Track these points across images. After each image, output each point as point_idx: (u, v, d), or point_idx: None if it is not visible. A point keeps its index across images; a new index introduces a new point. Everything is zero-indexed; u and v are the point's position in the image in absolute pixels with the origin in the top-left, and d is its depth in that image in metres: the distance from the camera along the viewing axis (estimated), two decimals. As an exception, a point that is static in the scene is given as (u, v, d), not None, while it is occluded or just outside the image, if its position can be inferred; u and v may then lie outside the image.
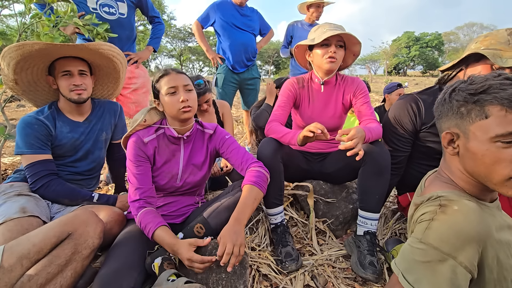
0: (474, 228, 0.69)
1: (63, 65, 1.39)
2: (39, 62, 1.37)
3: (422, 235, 0.75)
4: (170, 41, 33.19)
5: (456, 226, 0.70)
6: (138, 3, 2.30)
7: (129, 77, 2.30)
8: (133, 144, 1.25)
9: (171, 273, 1.04)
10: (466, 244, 0.69)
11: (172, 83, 1.21)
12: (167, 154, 1.32)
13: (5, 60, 1.29)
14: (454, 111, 0.80)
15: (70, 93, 1.40)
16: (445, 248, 0.70)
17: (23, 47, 1.26)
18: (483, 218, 0.72)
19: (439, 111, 0.87)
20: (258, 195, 1.19)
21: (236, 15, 2.84)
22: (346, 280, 1.29)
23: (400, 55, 50.23)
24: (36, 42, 1.27)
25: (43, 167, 1.35)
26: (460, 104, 0.78)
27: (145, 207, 1.18)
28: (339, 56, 1.48)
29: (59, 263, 0.95)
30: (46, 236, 0.97)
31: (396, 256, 0.83)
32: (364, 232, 1.37)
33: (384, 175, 1.36)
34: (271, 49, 37.46)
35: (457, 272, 0.69)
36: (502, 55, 1.19)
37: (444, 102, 0.84)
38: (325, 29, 1.47)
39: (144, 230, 1.14)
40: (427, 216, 0.78)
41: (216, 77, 3.00)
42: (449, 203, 0.75)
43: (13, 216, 1.13)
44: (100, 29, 1.82)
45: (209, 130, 1.40)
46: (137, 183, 1.22)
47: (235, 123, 5.41)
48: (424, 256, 0.73)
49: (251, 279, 1.24)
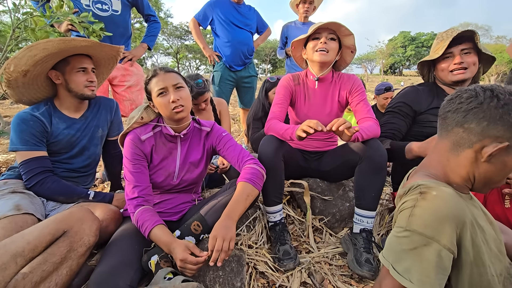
0: (451, 210, 0.74)
1: (79, 61, 1.41)
2: (58, 57, 1.37)
3: (406, 223, 0.78)
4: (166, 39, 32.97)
5: (436, 210, 0.75)
6: (133, 1, 2.28)
7: (123, 75, 2.28)
8: (130, 142, 1.24)
9: (168, 271, 1.04)
10: (445, 224, 0.73)
11: (161, 84, 1.20)
12: (164, 152, 1.31)
13: (35, 50, 1.26)
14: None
15: (84, 89, 1.43)
16: (429, 232, 0.74)
17: (70, 42, 1.28)
18: (460, 201, 0.77)
19: (492, 114, 0.78)
20: (252, 192, 1.19)
21: (234, 13, 2.83)
22: (342, 277, 1.30)
23: (396, 55, 50.55)
24: (84, 39, 1.32)
25: (38, 164, 1.33)
26: None
27: (143, 205, 1.18)
28: (331, 48, 1.48)
29: (54, 261, 0.94)
30: (41, 233, 0.96)
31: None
32: (360, 229, 1.38)
33: (381, 173, 1.37)
34: (268, 47, 37.43)
35: (442, 255, 0.73)
36: (436, 49, 1.49)
37: (511, 109, 0.76)
38: (317, 26, 1.48)
39: (141, 228, 1.14)
40: (409, 204, 0.81)
41: (213, 75, 2.98)
42: (428, 190, 0.79)
43: (7, 214, 1.11)
44: (95, 27, 1.80)
45: (206, 127, 1.39)
46: (135, 181, 1.21)
47: (232, 121, 5.40)
48: (410, 243, 0.76)
49: (248, 276, 1.24)
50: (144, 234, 1.13)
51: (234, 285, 1.12)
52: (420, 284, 0.72)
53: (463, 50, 1.42)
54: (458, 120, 0.85)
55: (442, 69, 1.48)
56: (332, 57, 1.50)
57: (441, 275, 0.73)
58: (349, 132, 1.19)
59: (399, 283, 0.75)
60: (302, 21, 3.19)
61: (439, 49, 1.45)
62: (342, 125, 1.17)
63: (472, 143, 0.82)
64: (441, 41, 1.48)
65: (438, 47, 1.47)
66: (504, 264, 0.83)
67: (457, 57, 1.42)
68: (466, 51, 1.42)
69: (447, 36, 1.45)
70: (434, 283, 0.72)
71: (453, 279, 0.80)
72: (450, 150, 0.88)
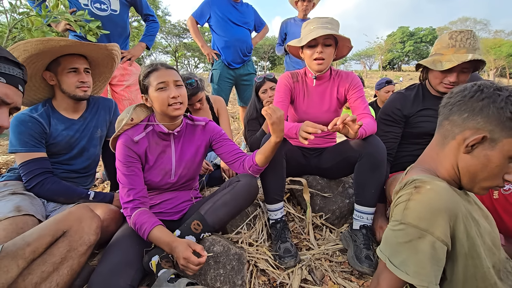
0: (444, 202, 0.75)
1: (70, 61, 1.38)
2: (46, 58, 1.35)
3: (401, 216, 0.80)
4: (165, 37, 32.80)
5: (429, 202, 0.76)
6: (132, 0, 2.28)
7: (122, 74, 2.27)
8: (122, 145, 1.22)
9: (171, 273, 1.04)
10: (438, 217, 0.74)
11: (162, 78, 1.18)
12: (158, 151, 1.30)
13: (16, 52, 1.25)
14: (500, 118, 0.76)
15: (76, 90, 1.40)
16: (423, 225, 0.75)
17: (48, 43, 1.25)
18: (453, 195, 0.78)
19: (473, 106, 0.80)
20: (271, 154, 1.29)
21: (231, 10, 2.82)
22: (343, 274, 1.31)
23: (395, 50, 50.38)
24: (62, 39, 1.27)
25: (38, 165, 1.33)
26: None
27: (139, 207, 1.17)
28: (327, 55, 1.48)
29: (53, 261, 0.95)
30: (41, 235, 0.96)
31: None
32: (360, 226, 1.39)
33: (380, 170, 1.37)
34: (267, 45, 37.28)
35: (436, 247, 0.74)
36: (442, 59, 1.40)
37: (492, 103, 0.77)
38: (312, 26, 1.46)
39: (139, 231, 1.13)
40: (404, 198, 0.82)
41: (211, 73, 2.98)
42: (422, 184, 0.80)
43: (8, 215, 1.11)
44: (92, 25, 1.79)
45: (201, 122, 1.40)
46: (129, 183, 1.20)
47: (231, 119, 5.39)
48: (406, 236, 0.77)
49: (249, 274, 1.25)
50: (143, 236, 1.12)
51: (235, 283, 1.13)
52: (416, 275, 0.73)
53: (463, 69, 1.37)
54: (445, 113, 0.88)
55: (436, 77, 1.45)
56: (328, 62, 1.51)
57: (436, 267, 0.75)
58: (355, 126, 1.17)
59: (396, 276, 0.77)
60: (301, 17, 3.19)
61: (444, 62, 1.38)
62: (347, 119, 1.16)
63: (455, 135, 0.84)
64: (450, 49, 1.40)
65: (443, 59, 1.39)
66: (498, 257, 0.84)
67: (454, 76, 1.38)
68: (466, 70, 1.38)
69: (458, 49, 1.37)
70: (429, 274, 0.73)
71: (448, 271, 0.81)
72: (438, 144, 0.90)
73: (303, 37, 1.49)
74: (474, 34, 1.39)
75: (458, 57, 1.35)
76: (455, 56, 1.37)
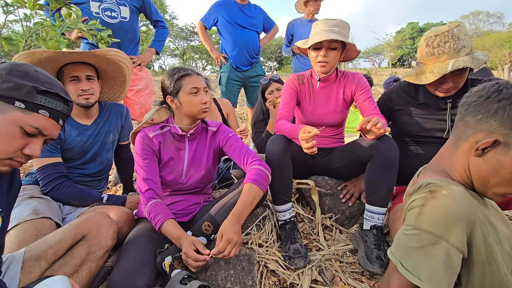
0: (462, 209, 0.72)
1: (71, 70, 1.42)
2: (48, 68, 1.40)
3: (415, 221, 0.77)
4: (172, 40, 33.20)
5: (445, 209, 0.73)
6: (141, 7, 2.33)
7: (132, 79, 2.32)
8: (140, 139, 1.31)
9: (184, 275, 1.06)
10: (455, 224, 0.72)
11: (195, 84, 1.28)
12: (172, 151, 1.36)
13: None
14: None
15: (78, 98, 1.43)
16: (438, 231, 0.73)
17: (33, 55, 1.30)
18: (470, 200, 0.75)
19: (488, 108, 0.76)
20: (257, 194, 1.22)
21: (239, 14, 2.84)
22: (353, 274, 1.30)
23: (405, 47, 49.44)
24: (45, 50, 1.30)
25: (54, 170, 1.38)
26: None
27: (155, 198, 1.23)
28: (331, 59, 1.48)
29: (74, 264, 0.99)
30: (62, 238, 1.00)
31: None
32: (370, 226, 1.38)
33: (393, 170, 1.37)
34: (274, 45, 37.20)
35: (451, 254, 0.72)
36: (425, 70, 1.30)
37: (509, 105, 0.73)
38: (319, 28, 1.47)
39: (152, 220, 1.18)
40: (418, 202, 0.79)
41: (220, 76, 3.02)
42: (438, 189, 0.77)
43: (26, 218, 1.16)
44: (103, 34, 1.84)
45: (213, 127, 1.43)
46: (145, 174, 1.27)
47: (239, 120, 5.42)
48: (419, 241, 0.75)
49: (259, 275, 1.26)
50: (155, 226, 1.17)
51: (246, 284, 1.14)
52: (429, 281, 0.71)
53: (454, 72, 1.27)
54: (461, 113, 0.84)
55: (429, 86, 1.39)
56: (332, 65, 1.51)
57: (450, 274, 0.72)
58: (380, 131, 1.20)
59: (407, 280, 0.75)
60: (309, 18, 3.18)
61: (427, 73, 1.29)
62: (375, 124, 1.20)
63: (467, 137, 0.80)
64: (430, 58, 1.29)
65: (426, 69, 1.31)
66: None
67: (446, 83, 1.30)
68: (458, 72, 1.27)
69: (437, 57, 1.26)
70: (442, 281, 0.71)
71: (463, 277, 0.79)
72: (452, 145, 0.87)
73: (309, 39, 1.50)
74: (453, 33, 1.24)
75: (439, 68, 1.25)
76: (436, 66, 1.27)
